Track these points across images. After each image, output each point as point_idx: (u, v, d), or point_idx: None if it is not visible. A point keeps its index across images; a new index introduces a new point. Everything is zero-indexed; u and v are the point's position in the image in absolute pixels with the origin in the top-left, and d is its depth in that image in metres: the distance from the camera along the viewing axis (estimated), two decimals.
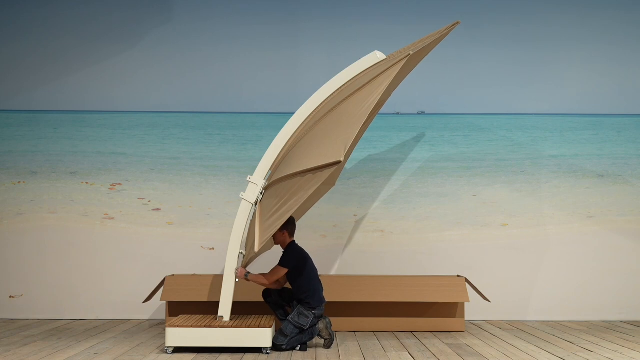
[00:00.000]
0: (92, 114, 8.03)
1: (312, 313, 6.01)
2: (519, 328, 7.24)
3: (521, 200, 7.92)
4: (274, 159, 6.22)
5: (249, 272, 6.04)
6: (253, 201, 6.14)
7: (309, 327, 6.03)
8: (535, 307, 7.76)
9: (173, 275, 7.23)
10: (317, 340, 6.31)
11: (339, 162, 5.46)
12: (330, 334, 6.09)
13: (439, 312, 7.07)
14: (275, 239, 6.22)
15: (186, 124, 8.01)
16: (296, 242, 6.25)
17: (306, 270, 6.10)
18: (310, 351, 5.97)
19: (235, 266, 6.02)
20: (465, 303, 7.09)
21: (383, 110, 7.96)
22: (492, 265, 7.79)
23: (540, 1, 8.13)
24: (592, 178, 8.00)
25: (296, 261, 6.09)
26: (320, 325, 6.09)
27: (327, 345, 6.09)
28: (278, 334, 5.98)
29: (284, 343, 5.92)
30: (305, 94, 6.32)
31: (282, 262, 6.09)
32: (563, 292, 7.79)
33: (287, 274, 6.12)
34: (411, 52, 5.61)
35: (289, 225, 6.17)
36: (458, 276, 7.19)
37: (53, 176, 7.93)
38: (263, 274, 6.10)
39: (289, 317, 6.03)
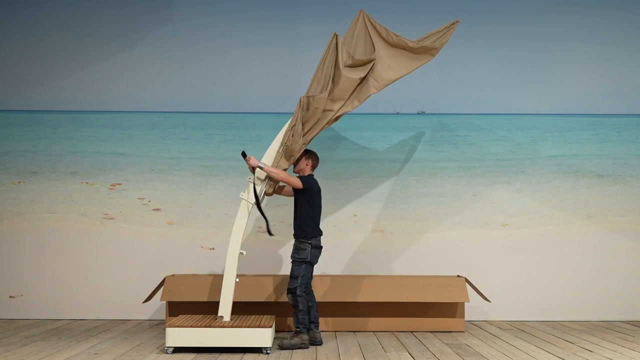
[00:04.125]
0: (92, 114, 8.03)
1: (309, 243, 6.18)
2: (519, 328, 7.24)
3: (521, 200, 7.92)
4: (273, 159, 6.24)
5: (264, 164, 6.14)
6: (253, 201, 6.15)
7: (312, 259, 6.19)
8: (535, 307, 7.76)
9: (173, 275, 7.23)
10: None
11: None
12: (293, 345, 6.13)
13: (439, 312, 7.07)
14: (296, 165, 6.38)
15: (186, 124, 8.01)
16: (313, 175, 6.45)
17: (316, 201, 6.30)
18: (310, 351, 5.98)
19: (235, 267, 6.03)
20: (465, 303, 7.10)
21: (383, 110, 7.98)
22: (492, 265, 7.79)
23: (540, 1, 8.13)
24: (592, 178, 8.00)
25: (312, 187, 6.28)
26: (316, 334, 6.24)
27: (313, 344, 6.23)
28: (290, 279, 6.14)
29: (298, 284, 6.09)
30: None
31: (302, 179, 6.26)
32: (563, 292, 7.79)
33: (297, 197, 6.29)
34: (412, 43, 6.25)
35: (313, 157, 6.45)
36: (458, 276, 7.19)
37: (53, 176, 7.93)
38: (283, 171, 6.18)
39: (291, 257, 6.22)
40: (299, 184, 6.23)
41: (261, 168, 6.13)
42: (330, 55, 6.26)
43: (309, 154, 6.45)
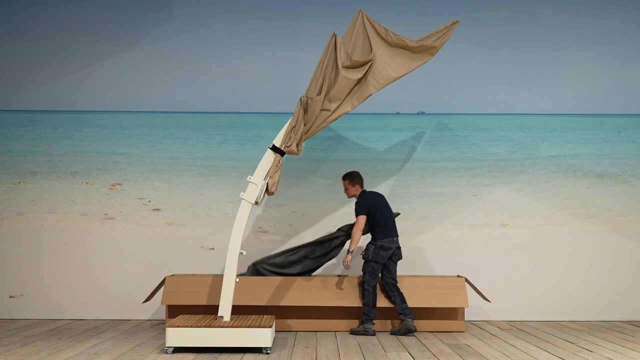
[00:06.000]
0: (92, 114, 8.03)
1: (373, 244, 6.80)
2: (519, 328, 7.23)
3: (521, 200, 7.92)
4: (273, 159, 6.23)
5: (349, 251, 6.78)
6: (253, 201, 6.15)
7: (372, 258, 6.78)
8: (535, 307, 7.76)
9: (173, 275, 7.23)
10: (317, 338, 6.30)
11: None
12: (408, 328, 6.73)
13: (439, 312, 7.06)
14: (348, 192, 7.01)
15: (186, 124, 8.00)
16: (366, 190, 7.01)
17: (377, 212, 6.86)
18: (310, 351, 5.97)
19: (235, 267, 6.03)
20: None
21: (383, 110, 7.98)
22: (492, 265, 7.79)
23: (540, 2, 8.12)
24: (592, 178, 8.00)
25: (367, 207, 6.83)
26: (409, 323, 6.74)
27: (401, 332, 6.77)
28: (364, 278, 6.80)
29: (371, 283, 6.77)
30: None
31: (358, 211, 6.84)
32: (563, 292, 7.79)
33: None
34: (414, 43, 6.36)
35: (358, 179, 7.00)
36: (458, 276, 7.19)
37: (53, 176, 7.93)
38: (354, 232, 6.79)
39: (400, 259, 6.95)
40: (363, 219, 6.80)
41: (350, 252, 6.77)
42: (329, 55, 6.27)
43: (350, 177, 7.00)
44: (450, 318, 7.05)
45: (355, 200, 6.97)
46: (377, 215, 6.87)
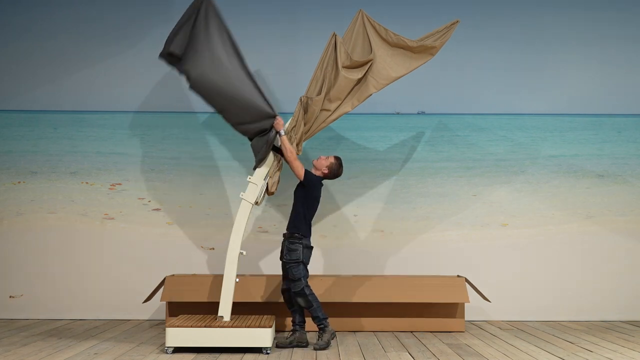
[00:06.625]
0: (92, 114, 8.03)
1: (300, 243, 6.10)
2: (519, 328, 7.24)
3: (521, 200, 7.92)
4: (273, 159, 6.24)
5: (285, 133, 6.10)
6: (253, 201, 6.15)
7: (305, 259, 6.10)
8: (535, 307, 7.76)
9: (173, 275, 7.23)
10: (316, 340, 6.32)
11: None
12: (327, 342, 6.04)
13: (439, 312, 7.07)
14: (319, 161, 6.28)
15: (186, 124, 8.00)
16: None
17: (311, 205, 6.22)
18: (309, 351, 5.98)
19: (235, 267, 6.03)
20: (465, 303, 7.09)
21: (383, 110, 7.98)
22: (492, 265, 7.79)
23: (540, 2, 8.12)
24: (592, 178, 8.00)
25: (314, 185, 6.21)
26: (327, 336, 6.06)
27: (317, 347, 6.04)
28: (292, 282, 6.05)
29: (303, 285, 6.02)
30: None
31: (307, 174, 6.18)
32: (563, 292, 7.79)
33: (296, 190, 6.25)
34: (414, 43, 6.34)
35: (337, 165, 6.30)
36: (458, 276, 7.19)
37: (53, 176, 7.92)
38: (292, 152, 6.10)
39: (283, 259, 6.16)
40: (300, 173, 6.15)
41: (279, 135, 6.09)
42: (329, 55, 6.28)
43: (338, 161, 6.32)
44: (450, 316, 7.05)
45: (312, 171, 6.30)
46: (315, 206, 6.28)
